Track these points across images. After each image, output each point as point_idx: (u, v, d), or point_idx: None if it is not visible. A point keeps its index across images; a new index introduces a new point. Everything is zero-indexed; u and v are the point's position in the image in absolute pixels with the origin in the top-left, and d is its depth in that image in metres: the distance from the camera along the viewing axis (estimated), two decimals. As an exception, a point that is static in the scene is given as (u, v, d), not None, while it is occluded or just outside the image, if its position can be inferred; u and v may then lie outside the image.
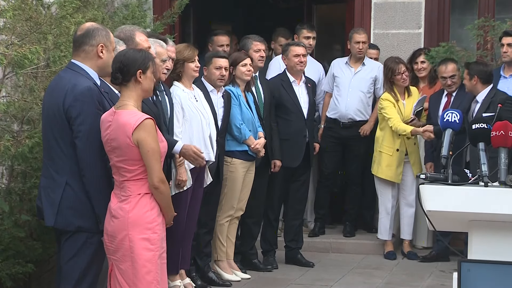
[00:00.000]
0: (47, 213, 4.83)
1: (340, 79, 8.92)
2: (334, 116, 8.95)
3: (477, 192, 4.10)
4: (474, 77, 7.67)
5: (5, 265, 6.00)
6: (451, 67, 8.13)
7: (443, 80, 8.18)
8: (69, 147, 4.77)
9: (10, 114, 6.21)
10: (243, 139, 7.39)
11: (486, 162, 4.17)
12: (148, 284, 4.64)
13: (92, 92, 4.79)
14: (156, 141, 4.64)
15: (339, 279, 7.68)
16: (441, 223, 4.35)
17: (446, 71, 8.14)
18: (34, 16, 6.29)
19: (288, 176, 8.09)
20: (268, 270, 7.92)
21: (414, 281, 7.66)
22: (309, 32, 9.06)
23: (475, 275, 4.04)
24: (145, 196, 4.66)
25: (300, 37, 8.96)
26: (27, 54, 5.71)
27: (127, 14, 7.88)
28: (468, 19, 9.08)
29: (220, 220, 7.49)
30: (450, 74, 8.12)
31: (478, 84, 7.68)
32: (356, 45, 8.89)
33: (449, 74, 8.12)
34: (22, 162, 6.09)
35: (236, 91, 7.46)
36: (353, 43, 8.92)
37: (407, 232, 8.63)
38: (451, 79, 8.14)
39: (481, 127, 4.29)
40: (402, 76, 8.28)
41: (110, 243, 4.69)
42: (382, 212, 8.60)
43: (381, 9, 9.29)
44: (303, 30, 9.07)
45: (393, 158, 8.38)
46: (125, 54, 4.77)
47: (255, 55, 7.82)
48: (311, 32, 9.07)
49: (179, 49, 6.84)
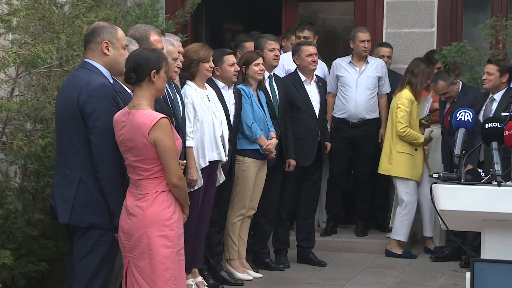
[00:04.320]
0: (61, 210, 4.85)
1: (346, 79, 8.91)
2: (343, 116, 8.94)
3: (490, 191, 4.08)
4: (506, 74, 7.68)
5: (18, 263, 6.02)
6: (441, 85, 8.20)
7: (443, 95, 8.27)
8: (82, 144, 4.79)
9: (23, 113, 6.23)
10: (254, 138, 7.39)
11: (499, 162, 4.15)
12: (166, 281, 4.67)
13: (107, 89, 4.81)
14: (172, 140, 4.67)
15: (351, 279, 7.67)
16: (454, 223, 4.33)
17: (436, 89, 8.27)
18: (47, 15, 6.32)
19: (300, 175, 8.09)
20: (280, 269, 7.93)
21: (427, 281, 7.65)
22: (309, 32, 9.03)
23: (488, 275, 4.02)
24: (162, 194, 4.68)
25: (300, 37, 8.95)
26: (40, 54, 5.73)
27: (139, 14, 7.91)
28: (481, 18, 9.05)
29: (232, 219, 7.50)
30: (441, 91, 8.23)
31: (506, 81, 7.69)
32: (361, 43, 8.89)
33: (440, 92, 8.24)
34: (35, 161, 6.12)
35: (248, 90, 7.46)
36: (357, 42, 8.91)
37: (429, 229, 8.63)
38: (444, 95, 8.24)
39: (494, 126, 4.27)
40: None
41: (127, 241, 4.72)
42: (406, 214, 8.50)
43: (394, 8, 9.27)
44: (304, 29, 9.06)
45: (415, 158, 8.41)
46: (139, 53, 4.79)
47: (270, 54, 7.82)
48: (310, 31, 9.05)
49: (194, 49, 6.85)
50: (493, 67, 7.79)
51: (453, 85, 8.20)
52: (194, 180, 6.58)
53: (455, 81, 8.23)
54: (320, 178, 8.41)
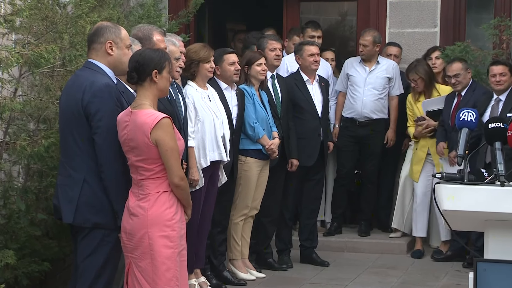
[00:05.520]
0: (65, 210, 4.85)
1: (355, 78, 8.91)
2: (351, 115, 8.92)
3: (493, 191, 4.07)
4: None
5: (21, 263, 6.03)
6: (456, 66, 8.13)
7: (448, 79, 8.20)
8: (86, 144, 4.80)
9: (27, 113, 6.24)
10: (257, 138, 7.39)
11: (502, 162, 4.14)
12: (167, 281, 4.67)
13: (111, 89, 4.82)
14: (174, 140, 4.67)
15: (354, 279, 7.67)
16: (457, 223, 4.33)
17: (450, 69, 8.17)
18: (50, 15, 6.32)
19: (303, 175, 8.09)
20: (283, 269, 7.92)
21: (430, 281, 7.64)
22: (314, 31, 9.04)
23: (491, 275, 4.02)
24: (163, 194, 4.69)
25: (305, 37, 8.95)
26: (43, 53, 5.73)
27: (142, 14, 7.92)
28: (485, 18, 9.04)
29: (234, 219, 7.50)
30: (454, 72, 8.13)
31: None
32: (358, 46, 8.96)
33: (453, 73, 8.14)
34: (38, 161, 6.12)
35: (250, 90, 7.46)
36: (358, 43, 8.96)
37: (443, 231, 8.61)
38: (455, 78, 8.13)
39: (497, 126, 4.27)
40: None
41: (129, 241, 4.72)
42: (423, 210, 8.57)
43: (397, 8, 9.26)
44: (307, 29, 9.07)
45: (415, 156, 8.57)
46: (141, 53, 4.80)
47: (271, 54, 7.83)
48: (316, 31, 9.05)
49: (195, 49, 6.85)
50: (504, 67, 7.81)
51: (467, 72, 8.17)
52: (195, 180, 6.58)
53: (469, 70, 8.22)
54: (323, 178, 8.41)
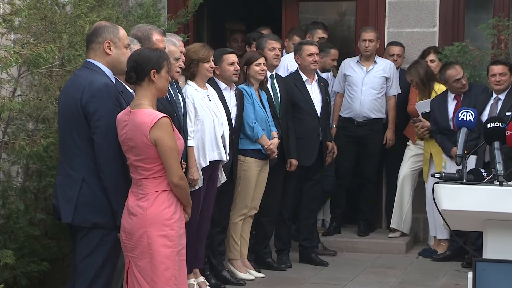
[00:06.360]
0: (64, 210, 4.85)
1: (353, 78, 8.91)
2: (349, 115, 8.93)
3: (492, 191, 4.08)
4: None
5: (20, 263, 6.03)
6: (458, 68, 8.13)
7: (456, 83, 8.13)
8: (85, 143, 4.80)
9: (25, 113, 6.24)
10: (256, 138, 7.39)
11: (501, 161, 4.15)
12: (166, 281, 4.67)
13: (109, 88, 4.82)
14: (173, 139, 4.67)
15: (353, 278, 7.67)
16: (456, 223, 4.34)
17: (451, 75, 8.11)
18: (49, 15, 6.32)
19: (302, 175, 8.09)
20: (282, 269, 7.92)
21: (429, 280, 7.64)
22: (324, 33, 9.07)
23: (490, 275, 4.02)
24: (162, 194, 4.69)
25: (314, 37, 8.95)
26: (42, 53, 5.73)
27: (141, 13, 7.91)
28: (483, 18, 9.04)
29: (234, 219, 7.50)
30: (456, 77, 8.10)
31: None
32: (362, 43, 8.91)
33: (455, 78, 8.11)
34: (37, 161, 6.12)
35: (250, 90, 7.46)
36: (360, 41, 8.95)
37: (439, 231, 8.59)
38: (458, 83, 8.12)
39: (496, 126, 4.27)
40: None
41: (128, 241, 4.72)
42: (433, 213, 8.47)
43: (396, 8, 9.26)
44: (318, 30, 9.07)
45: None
46: (140, 53, 4.80)
47: (270, 54, 7.83)
48: (325, 33, 9.08)
49: (194, 49, 6.85)
50: (505, 67, 7.80)
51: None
52: (195, 179, 6.58)
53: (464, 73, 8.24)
54: (322, 178, 8.41)
